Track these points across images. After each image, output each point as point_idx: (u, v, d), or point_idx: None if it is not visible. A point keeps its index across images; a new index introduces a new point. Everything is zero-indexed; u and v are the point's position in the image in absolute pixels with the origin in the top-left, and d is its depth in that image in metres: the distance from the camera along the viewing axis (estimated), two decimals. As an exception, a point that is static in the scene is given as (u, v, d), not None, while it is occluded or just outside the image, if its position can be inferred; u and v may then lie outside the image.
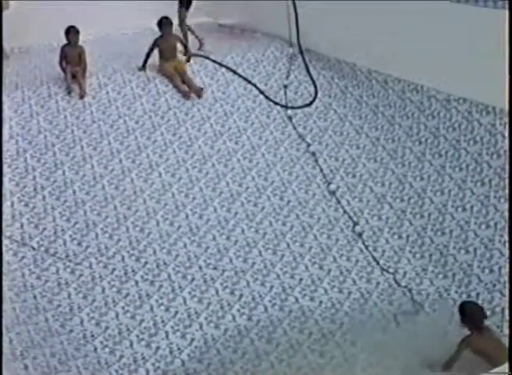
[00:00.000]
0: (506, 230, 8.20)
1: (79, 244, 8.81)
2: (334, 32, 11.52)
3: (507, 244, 8.05)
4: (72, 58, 11.11)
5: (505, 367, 5.35)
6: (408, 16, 10.10)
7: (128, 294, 8.22)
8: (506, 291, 7.69)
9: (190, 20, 13.84)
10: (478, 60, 8.92)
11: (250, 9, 13.26)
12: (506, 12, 8.67)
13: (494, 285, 7.98)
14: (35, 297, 7.98)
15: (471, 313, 7.04)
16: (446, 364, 6.90)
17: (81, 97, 10.90)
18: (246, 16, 13.54)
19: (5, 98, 10.51)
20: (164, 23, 11.58)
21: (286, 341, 7.69)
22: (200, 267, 8.69)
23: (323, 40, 11.78)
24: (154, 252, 8.83)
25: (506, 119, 8.90)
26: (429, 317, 7.85)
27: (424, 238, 9.00)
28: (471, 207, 8.88)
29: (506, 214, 8.33)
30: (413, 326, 7.83)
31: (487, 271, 8.16)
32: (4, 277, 8.03)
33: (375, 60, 10.98)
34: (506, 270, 7.91)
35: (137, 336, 7.69)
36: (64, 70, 11.08)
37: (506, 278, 7.80)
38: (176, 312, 8.04)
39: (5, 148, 9.81)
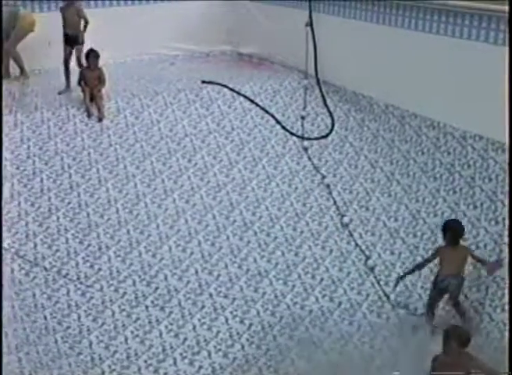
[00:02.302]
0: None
1: (91, 266, 8.86)
2: (352, 65, 11.59)
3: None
4: (91, 81, 11.23)
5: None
6: (426, 53, 10.17)
7: (138, 319, 8.23)
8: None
9: (210, 48, 14.08)
10: (495, 98, 8.93)
11: (269, 40, 13.41)
12: (506, 49, 8.74)
13: (505, 325, 7.92)
14: (45, 317, 8.02)
15: (447, 229, 8.23)
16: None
17: (99, 120, 10.99)
18: (265, 46, 13.67)
19: (23, 119, 10.68)
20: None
21: (293, 371, 7.68)
22: (211, 295, 8.69)
23: (341, 73, 11.85)
24: (166, 278, 8.85)
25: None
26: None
27: (437, 274, 8.97)
28: (485, 245, 8.82)
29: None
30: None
31: (499, 310, 8.12)
32: (15, 297, 8.09)
33: (392, 95, 11.02)
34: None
35: (145, 361, 7.68)
36: (84, 92, 11.19)
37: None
38: (185, 339, 8.02)
39: (22, 167, 9.92)
